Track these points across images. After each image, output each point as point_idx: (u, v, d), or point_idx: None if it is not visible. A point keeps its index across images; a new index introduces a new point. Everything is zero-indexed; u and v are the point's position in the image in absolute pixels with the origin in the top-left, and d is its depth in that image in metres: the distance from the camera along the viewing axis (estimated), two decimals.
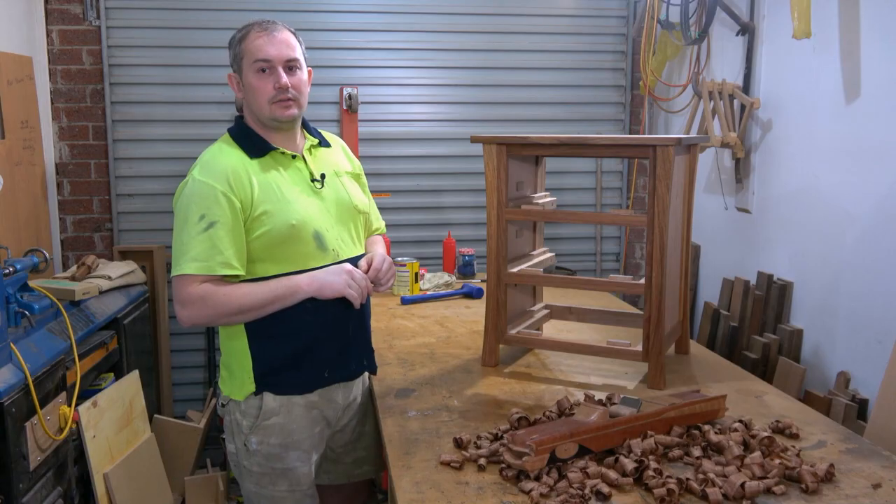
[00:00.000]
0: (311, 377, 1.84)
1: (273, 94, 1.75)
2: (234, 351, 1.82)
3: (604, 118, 3.93)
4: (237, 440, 1.85)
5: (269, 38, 1.77)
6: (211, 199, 1.67)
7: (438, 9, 3.72)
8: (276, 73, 1.76)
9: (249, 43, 1.77)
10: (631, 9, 3.84)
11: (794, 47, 2.66)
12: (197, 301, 1.67)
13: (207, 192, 1.68)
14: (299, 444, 1.83)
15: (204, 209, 1.67)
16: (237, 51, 1.79)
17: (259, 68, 1.75)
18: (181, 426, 3.16)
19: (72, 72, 3.52)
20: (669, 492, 1.34)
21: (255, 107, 1.79)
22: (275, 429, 1.81)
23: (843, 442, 1.62)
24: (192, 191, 1.70)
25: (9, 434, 1.94)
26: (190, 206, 1.69)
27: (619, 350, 2.02)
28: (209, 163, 1.74)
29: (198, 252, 1.66)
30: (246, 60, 1.77)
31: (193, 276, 1.66)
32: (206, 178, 1.70)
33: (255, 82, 1.76)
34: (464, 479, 1.45)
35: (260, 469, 1.83)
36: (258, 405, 1.80)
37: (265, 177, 1.76)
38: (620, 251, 4.03)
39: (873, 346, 2.30)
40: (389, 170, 3.75)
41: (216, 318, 1.70)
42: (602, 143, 2.03)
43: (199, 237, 1.66)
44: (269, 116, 1.78)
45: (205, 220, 1.66)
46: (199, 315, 1.69)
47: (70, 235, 3.61)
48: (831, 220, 2.51)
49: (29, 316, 2.23)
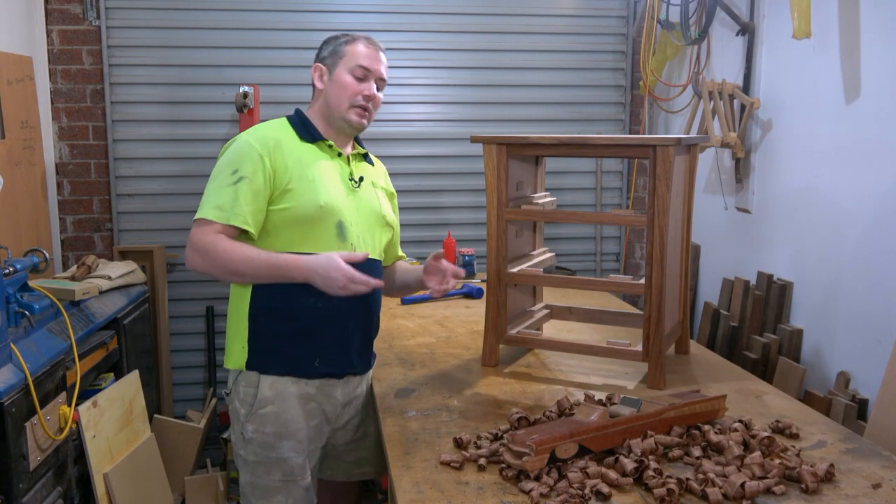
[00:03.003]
0: (300, 361, 1.85)
1: (358, 98, 1.87)
2: (234, 321, 1.88)
3: (604, 118, 3.93)
4: (236, 428, 1.90)
5: (375, 53, 1.90)
6: (247, 157, 1.78)
7: (438, 9, 3.72)
8: (369, 83, 1.89)
9: (357, 49, 1.89)
10: (631, 9, 3.84)
11: (794, 47, 2.66)
12: (201, 248, 1.74)
13: (246, 150, 1.79)
14: (294, 434, 1.85)
15: (238, 165, 1.78)
16: (339, 50, 1.89)
17: (358, 73, 1.87)
18: (181, 426, 3.16)
19: (72, 72, 3.52)
20: (669, 492, 1.34)
21: (334, 102, 1.88)
22: (269, 417, 1.84)
23: (843, 442, 1.62)
24: (235, 148, 1.82)
25: (9, 434, 1.94)
26: (229, 159, 1.80)
27: (619, 350, 2.02)
28: (259, 128, 1.88)
29: (221, 201, 1.75)
30: (347, 60, 1.88)
31: (210, 223, 1.75)
32: (249, 139, 1.82)
33: (347, 81, 1.87)
34: (464, 479, 1.45)
35: (255, 458, 1.86)
36: (254, 393, 1.84)
37: (307, 158, 1.85)
38: (620, 251, 4.03)
39: (873, 346, 2.30)
40: (389, 170, 3.73)
41: (211, 269, 1.75)
42: (602, 143, 2.03)
43: (226, 189, 1.76)
44: (342, 116, 1.88)
45: (236, 174, 1.76)
46: (198, 263, 1.75)
47: (70, 235, 3.61)
48: (831, 220, 2.51)
49: (29, 316, 2.23)
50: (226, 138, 3.64)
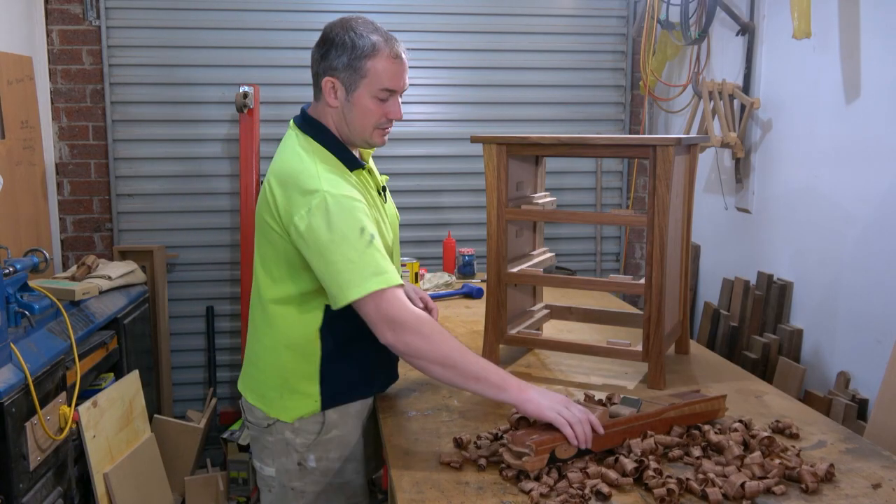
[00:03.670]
0: (365, 389, 1.82)
1: (383, 121, 1.69)
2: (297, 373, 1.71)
3: (604, 118, 3.93)
4: (286, 460, 1.74)
5: (401, 65, 1.67)
6: (361, 213, 1.57)
7: (438, 9, 3.72)
8: (395, 102, 1.69)
9: (380, 64, 1.63)
10: (631, 9, 3.84)
11: (794, 47, 2.66)
12: (413, 322, 1.52)
13: (353, 206, 1.57)
14: (356, 454, 1.79)
15: (360, 223, 1.56)
16: (359, 66, 1.63)
17: (381, 96, 1.66)
18: (181, 426, 3.16)
19: (72, 72, 3.52)
20: (669, 492, 1.34)
21: (355, 126, 1.68)
22: (334, 442, 1.75)
23: (843, 442, 1.62)
24: (338, 206, 1.55)
25: (9, 434, 1.94)
26: (346, 222, 1.55)
27: (619, 350, 2.02)
28: (331, 178, 1.60)
29: (376, 267, 1.53)
30: (369, 83, 1.64)
31: (386, 291, 1.53)
32: (345, 193, 1.58)
33: (371, 105, 1.66)
34: (464, 479, 1.45)
35: (315, 488, 1.75)
36: (320, 420, 1.73)
37: (364, 192, 1.69)
38: (620, 251, 4.03)
39: (873, 346, 2.30)
40: (390, 170, 3.74)
41: (425, 354, 1.53)
42: (602, 143, 2.03)
43: (369, 251, 1.54)
44: (364, 139, 1.71)
45: (365, 233, 1.55)
46: (417, 345, 1.53)
47: (70, 235, 3.61)
48: (831, 220, 2.51)
49: (29, 316, 2.23)
50: (226, 138, 3.64)
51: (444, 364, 1.53)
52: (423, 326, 1.53)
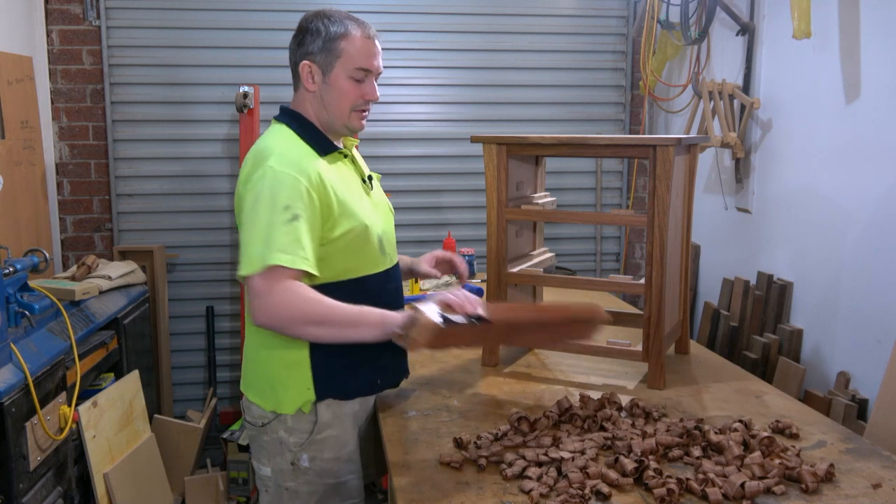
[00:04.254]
0: (364, 384, 1.78)
1: (360, 102, 1.70)
2: (286, 361, 1.70)
3: (604, 118, 3.93)
4: (280, 460, 1.73)
5: (374, 47, 1.69)
6: (296, 191, 1.57)
7: (438, 9, 3.72)
8: (371, 84, 1.71)
9: (353, 45, 1.67)
10: (631, 9, 3.84)
11: (794, 47, 2.66)
12: (281, 294, 1.52)
13: (292, 183, 1.58)
14: (352, 455, 1.77)
15: (288, 200, 1.56)
16: (333, 47, 1.66)
17: (357, 76, 1.68)
18: (181, 426, 3.16)
19: (72, 72, 3.52)
20: (669, 492, 1.34)
21: (333, 108, 1.70)
22: (328, 442, 1.72)
23: (843, 442, 1.62)
24: (275, 180, 1.58)
25: (9, 434, 1.94)
26: (275, 195, 1.56)
27: (619, 350, 2.02)
28: (285, 155, 1.63)
29: (284, 243, 1.54)
30: (344, 62, 1.67)
31: (283, 269, 1.53)
32: (288, 170, 1.59)
33: (346, 86, 1.68)
34: (464, 479, 1.45)
35: (310, 488, 1.72)
36: (312, 419, 1.71)
37: (336, 176, 1.69)
38: (620, 251, 4.03)
39: (873, 346, 2.30)
40: (389, 170, 3.75)
41: (291, 322, 1.56)
42: (602, 143, 2.03)
43: (285, 228, 1.54)
44: (343, 123, 1.72)
45: (289, 210, 1.55)
46: (279, 315, 1.55)
47: (70, 235, 3.61)
48: (831, 220, 2.51)
49: (29, 316, 2.23)
50: (226, 138, 3.64)
51: (316, 324, 1.55)
52: (286, 293, 1.53)
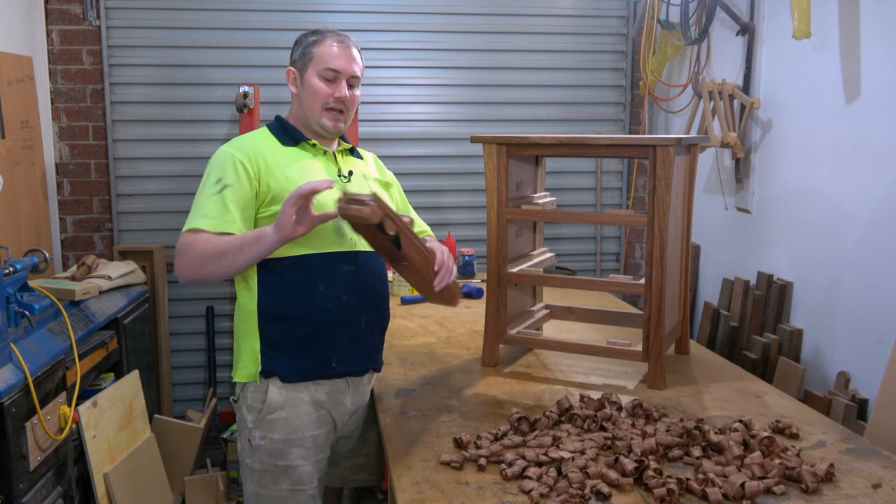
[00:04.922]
0: (318, 363, 1.81)
1: (329, 100, 1.85)
2: (243, 331, 1.84)
3: (604, 118, 3.93)
4: (242, 436, 1.85)
5: (343, 50, 1.86)
6: (228, 165, 1.77)
7: (438, 9, 3.72)
8: (339, 84, 1.85)
9: (324, 49, 1.85)
10: (631, 9, 3.84)
11: (794, 47, 2.66)
12: (181, 248, 1.72)
13: (227, 158, 1.78)
14: (303, 441, 1.81)
15: (221, 174, 1.77)
16: (308, 52, 1.87)
17: (326, 76, 1.84)
18: (181, 426, 3.16)
19: (72, 72, 3.52)
20: (669, 492, 1.34)
21: (307, 106, 1.87)
22: (278, 423, 1.79)
23: (843, 442, 1.62)
24: (216, 158, 1.81)
25: (9, 434, 1.94)
26: (210, 171, 1.79)
27: (619, 350, 2.02)
28: (239, 139, 1.87)
29: (209, 210, 1.73)
30: (315, 63, 1.85)
31: (200, 232, 1.71)
32: (229, 148, 1.81)
33: (318, 85, 1.85)
34: (464, 479, 1.45)
35: (262, 466, 1.81)
36: (262, 398, 1.80)
37: (290, 160, 1.83)
38: (620, 251, 4.03)
39: (873, 346, 2.30)
40: (390, 169, 3.75)
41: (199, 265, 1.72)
42: (602, 143, 2.03)
43: (213, 198, 1.74)
44: (316, 121, 1.86)
45: (220, 183, 1.75)
46: (184, 263, 1.72)
47: (70, 235, 3.61)
48: (831, 220, 2.51)
49: (29, 316, 2.23)
50: (226, 138, 3.64)
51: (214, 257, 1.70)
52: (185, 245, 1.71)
